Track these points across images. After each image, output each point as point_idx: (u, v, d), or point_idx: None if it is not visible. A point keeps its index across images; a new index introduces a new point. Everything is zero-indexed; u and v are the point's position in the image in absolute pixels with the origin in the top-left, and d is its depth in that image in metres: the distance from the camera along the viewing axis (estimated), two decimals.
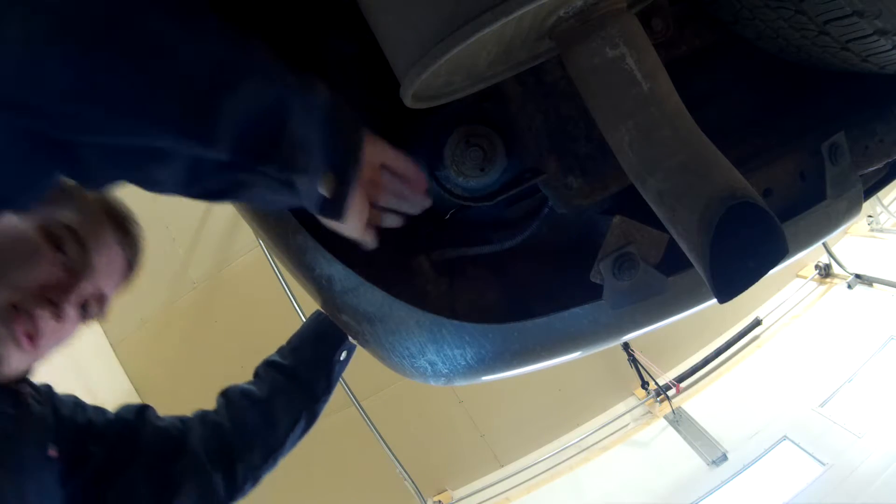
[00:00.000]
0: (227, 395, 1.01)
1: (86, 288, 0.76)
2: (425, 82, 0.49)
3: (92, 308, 0.78)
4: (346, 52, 0.72)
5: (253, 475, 0.96)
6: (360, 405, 3.33)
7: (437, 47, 0.44)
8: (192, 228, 3.80)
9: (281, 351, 1.07)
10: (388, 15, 0.49)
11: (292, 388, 1.01)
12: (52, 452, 0.74)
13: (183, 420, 0.95)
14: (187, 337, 3.70)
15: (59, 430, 0.78)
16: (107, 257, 0.79)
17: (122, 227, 0.83)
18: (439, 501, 3.90)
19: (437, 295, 0.77)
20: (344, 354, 1.06)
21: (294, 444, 1.03)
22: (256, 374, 1.05)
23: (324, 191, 0.52)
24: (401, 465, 3.52)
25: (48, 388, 0.83)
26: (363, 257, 0.73)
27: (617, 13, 0.51)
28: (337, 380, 1.07)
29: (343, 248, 0.72)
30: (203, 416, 0.97)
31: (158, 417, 0.93)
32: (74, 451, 0.79)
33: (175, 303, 3.84)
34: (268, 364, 1.04)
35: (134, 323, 3.92)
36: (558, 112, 0.73)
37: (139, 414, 0.90)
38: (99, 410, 0.87)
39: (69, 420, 0.81)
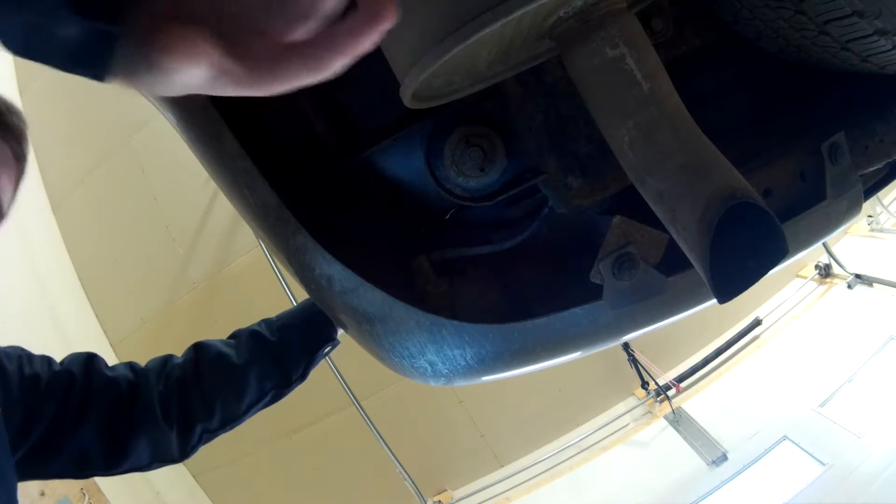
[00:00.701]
0: (200, 351, 0.96)
1: None
2: (425, 82, 0.49)
3: None
4: None
5: (207, 437, 0.94)
6: (360, 405, 3.33)
7: (438, 47, 0.44)
8: (192, 228, 3.80)
9: (268, 324, 1.01)
10: None
11: (270, 366, 0.97)
12: None
13: (135, 369, 0.91)
14: (187, 337, 3.67)
15: (4, 386, 0.75)
16: None
17: None
18: (439, 501, 3.90)
19: (437, 295, 0.77)
20: (328, 349, 1.03)
21: (250, 416, 0.99)
22: (236, 337, 1.00)
23: None
24: (401, 465, 3.52)
25: None
26: (363, 257, 0.73)
27: (617, 13, 0.51)
28: (312, 370, 1.03)
29: (343, 249, 0.72)
30: (162, 370, 0.93)
31: (108, 367, 0.89)
32: (23, 407, 0.76)
33: (175, 303, 3.85)
34: (252, 333, 0.99)
35: (134, 323, 3.92)
36: (558, 112, 0.73)
37: (86, 364, 0.86)
38: (45, 361, 0.84)
39: (15, 374, 0.78)
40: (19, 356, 0.82)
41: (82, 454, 0.82)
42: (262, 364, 0.96)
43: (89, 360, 0.88)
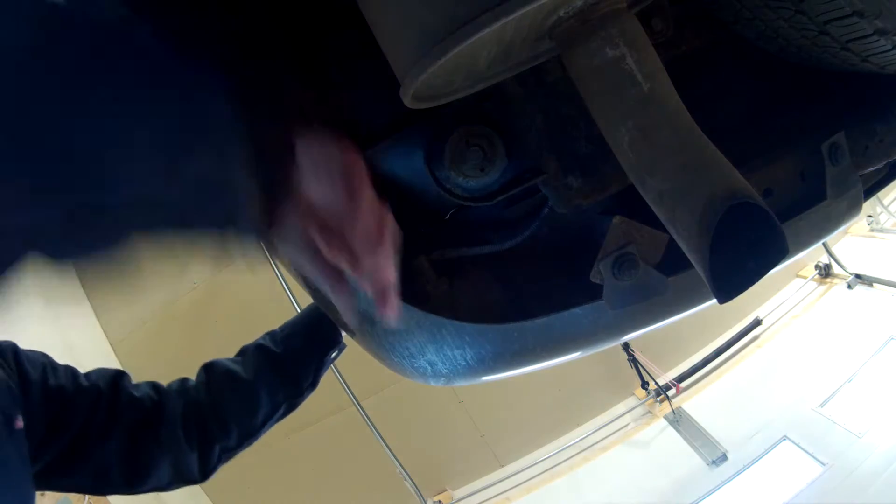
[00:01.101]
0: (210, 372, 0.97)
1: None
2: (425, 82, 0.49)
3: None
4: (346, 52, 0.72)
5: (227, 456, 0.94)
6: (360, 405, 3.33)
7: (438, 47, 0.44)
8: None
9: (273, 336, 1.02)
10: (387, 14, 0.49)
11: (278, 377, 0.98)
12: (19, 424, 0.68)
13: (159, 390, 0.91)
14: (187, 337, 3.70)
15: (26, 398, 0.72)
16: None
17: None
18: (439, 501, 3.90)
19: (437, 295, 0.77)
20: (335, 353, 1.04)
21: (268, 429, 1.00)
22: (243, 353, 1.01)
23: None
24: (401, 465, 3.52)
25: (12, 346, 0.76)
26: None
27: (617, 13, 0.51)
28: (322, 376, 1.05)
29: None
30: (181, 389, 0.93)
31: (133, 385, 0.88)
32: (45, 420, 0.74)
33: (175, 303, 3.85)
34: (257, 347, 1.01)
35: (134, 323, 3.92)
36: (558, 112, 0.73)
37: (114, 382, 0.86)
38: (70, 373, 0.82)
39: (39, 384, 0.75)
40: (43, 364, 0.80)
41: (103, 471, 0.81)
42: (270, 377, 0.97)
43: (117, 377, 0.87)
